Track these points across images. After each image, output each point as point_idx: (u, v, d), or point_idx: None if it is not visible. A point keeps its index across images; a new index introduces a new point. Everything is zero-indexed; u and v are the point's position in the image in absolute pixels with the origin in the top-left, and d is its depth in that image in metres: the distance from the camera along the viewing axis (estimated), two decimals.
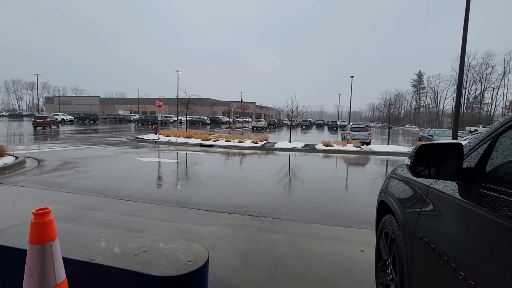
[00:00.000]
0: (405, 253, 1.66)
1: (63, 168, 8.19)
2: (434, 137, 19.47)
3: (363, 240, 3.70)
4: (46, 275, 1.18)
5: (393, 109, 19.06)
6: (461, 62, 11.03)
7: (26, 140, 16.80)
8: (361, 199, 6.13)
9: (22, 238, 1.72)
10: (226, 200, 5.50)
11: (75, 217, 4.28)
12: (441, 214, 1.36)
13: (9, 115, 70.11)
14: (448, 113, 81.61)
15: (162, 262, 1.49)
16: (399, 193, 2.01)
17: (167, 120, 46.97)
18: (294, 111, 19.24)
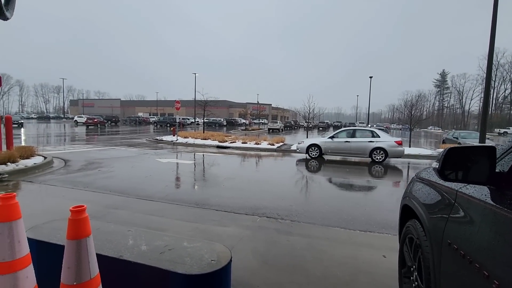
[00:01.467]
0: (432, 260, 1.61)
1: (88, 168, 8.56)
2: (459, 139, 18.64)
3: (384, 245, 3.61)
4: (82, 269, 1.25)
5: (415, 110, 18.46)
6: (489, 60, 10.52)
7: (53, 141, 17.69)
8: (381, 202, 5.98)
9: (57, 233, 1.83)
10: (244, 201, 5.54)
11: (100, 215, 4.46)
12: (472, 220, 1.31)
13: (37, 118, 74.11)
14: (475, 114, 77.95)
15: (187, 261, 1.54)
16: (424, 197, 1.96)
17: (185, 122, 47.91)
18: (310, 112, 19.07)
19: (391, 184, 8.06)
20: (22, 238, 1.40)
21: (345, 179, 8.47)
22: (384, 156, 11.37)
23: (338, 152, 12.09)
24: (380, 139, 11.55)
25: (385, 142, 11.48)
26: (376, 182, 8.34)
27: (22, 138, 18.78)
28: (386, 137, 11.79)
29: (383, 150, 11.33)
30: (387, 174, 9.95)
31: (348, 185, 7.68)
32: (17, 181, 6.68)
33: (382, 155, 11.34)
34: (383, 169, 10.63)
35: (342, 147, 11.87)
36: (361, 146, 11.63)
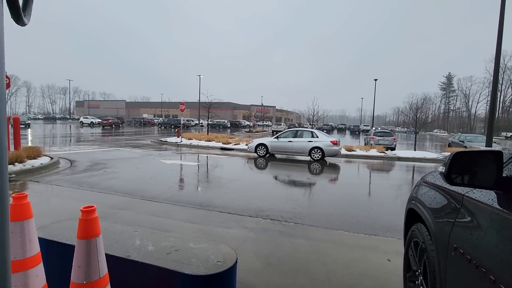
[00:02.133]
0: (438, 264, 1.61)
1: (93, 169, 8.64)
2: (465, 142, 18.46)
3: (389, 249, 3.60)
4: (92, 268, 1.28)
5: (420, 113, 18.33)
6: (496, 63, 10.43)
7: (59, 141, 17.90)
8: (386, 206, 5.95)
9: (65, 233, 1.86)
10: (247, 203, 5.55)
11: (106, 216, 4.50)
12: (478, 224, 1.31)
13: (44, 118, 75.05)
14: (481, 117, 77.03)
15: (193, 261, 1.56)
16: (430, 201, 1.96)
17: (189, 123, 48.15)
18: (315, 115, 19.04)
19: (396, 186, 8.01)
20: (33, 237, 1.43)
21: (348, 181, 8.44)
22: (321, 154, 12.10)
23: (283, 151, 12.87)
24: (318, 139, 12.33)
25: (322, 142, 12.24)
26: (378, 184, 8.29)
27: (29, 138, 19.03)
28: (323, 138, 12.54)
29: (320, 149, 12.10)
30: (389, 176, 9.89)
31: (351, 185, 7.66)
32: (24, 181, 6.77)
33: (319, 153, 12.09)
34: (386, 172, 10.56)
35: (285, 146, 12.66)
36: (302, 145, 12.39)
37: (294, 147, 12.53)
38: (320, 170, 10.48)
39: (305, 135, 12.70)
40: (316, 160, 12.17)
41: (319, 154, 12.07)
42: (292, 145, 12.56)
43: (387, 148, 16.47)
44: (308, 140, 12.40)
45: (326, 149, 12.04)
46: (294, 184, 7.82)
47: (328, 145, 12.09)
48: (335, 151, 12.26)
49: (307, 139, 12.44)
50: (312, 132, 12.77)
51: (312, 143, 12.24)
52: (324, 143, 12.17)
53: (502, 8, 9.99)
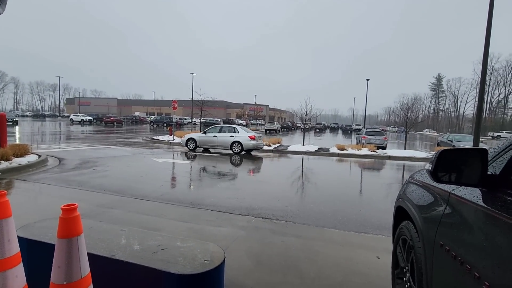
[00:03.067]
0: (424, 261, 1.62)
1: (83, 167, 8.48)
2: (453, 142, 18.84)
3: (378, 246, 3.63)
4: (72, 268, 1.24)
5: (410, 113, 18.61)
6: (484, 65, 10.65)
7: (48, 139, 17.52)
8: (377, 204, 6.01)
9: (48, 232, 1.81)
10: (239, 202, 5.53)
11: (94, 215, 4.42)
12: (463, 221, 1.32)
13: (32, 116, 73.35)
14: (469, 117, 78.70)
15: (180, 261, 1.53)
16: (418, 199, 1.97)
17: (182, 121, 47.78)
18: (307, 114, 19.12)
19: (386, 185, 8.11)
20: (12, 236, 1.38)
21: (339, 179, 8.51)
22: (240, 148, 13.18)
23: (209, 145, 13.98)
24: (239, 134, 13.37)
25: (242, 137, 13.28)
26: (369, 183, 8.38)
27: (17, 136, 18.57)
28: (243, 133, 13.48)
29: (240, 143, 13.17)
30: (380, 174, 10.01)
31: (343, 184, 7.73)
32: (10, 180, 6.60)
33: (239, 147, 13.16)
34: (377, 171, 10.69)
35: (211, 140, 13.76)
36: (224, 140, 13.47)
37: (218, 141, 13.57)
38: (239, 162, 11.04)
39: (228, 131, 13.70)
40: (236, 153, 13.23)
41: (239, 148, 13.14)
42: (216, 139, 13.59)
43: (378, 147, 16.67)
44: (230, 135, 13.43)
45: (245, 143, 13.07)
46: (220, 175, 7.84)
47: (246, 140, 13.11)
48: (253, 145, 13.24)
49: (229, 134, 13.47)
50: (234, 128, 13.82)
51: (233, 138, 13.28)
52: (243, 138, 13.18)
53: (490, 11, 10.20)
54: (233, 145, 13.25)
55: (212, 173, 8.85)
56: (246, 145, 13.10)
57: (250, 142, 13.12)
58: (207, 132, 14.03)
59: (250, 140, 13.11)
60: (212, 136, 13.78)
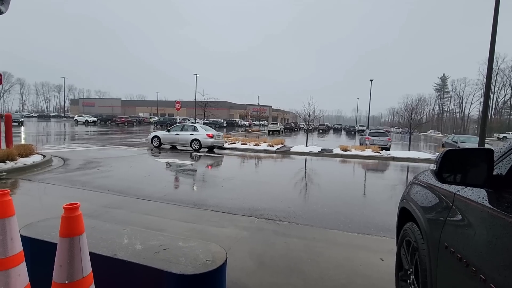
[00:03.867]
0: (429, 263, 1.60)
1: (86, 167, 8.54)
2: (458, 143, 18.66)
3: (382, 248, 3.60)
4: (74, 267, 1.24)
5: (415, 114, 18.48)
6: (489, 65, 10.53)
7: (53, 140, 17.67)
8: (380, 205, 5.97)
9: (51, 231, 1.81)
10: (242, 202, 5.52)
11: (97, 215, 4.44)
12: (469, 223, 1.30)
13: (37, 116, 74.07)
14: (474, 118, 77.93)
15: (181, 261, 1.52)
16: (422, 200, 1.95)
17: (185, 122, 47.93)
18: (311, 115, 19.07)
19: (390, 186, 8.05)
20: (15, 235, 1.38)
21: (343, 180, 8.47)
22: (199, 145, 14.01)
23: (172, 142, 14.72)
24: (198, 133, 14.17)
25: (200, 135, 14.09)
26: (373, 184, 8.32)
27: (22, 136, 18.76)
28: (202, 131, 14.26)
29: (198, 141, 13.99)
30: (384, 176, 9.95)
31: (346, 185, 7.68)
32: (15, 179, 6.66)
33: (198, 144, 14.01)
34: (380, 172, 10.61)
35: (174, 138, 14.50)
36: (185, 137, 14.27)
37: (179, 139, 14.38)
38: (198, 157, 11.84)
39: (189, 129, 14.53)
40: (195, 150, 14.06)
41: (198, 145, 13.98)
42: (178, 137, 14.41)
43: (382, 148, 16.56)
44: (190, 133, 14.25)
45: (203, 141, 13.92)
46: (182, 170, 7.82)
47: (204, 138, 13.96)
48: (211, 142, 14.03)
49: (189, 132, 14.29)
50: (194, 127, 14.66)
51: (193, 136, 14.11)
52: (201, 136, 14.00)
53: (496, 11, 10.09)
54: (192, 143, 14.08)
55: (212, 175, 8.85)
56: (204, 143, 13.94)
57: (208, 140, 13.93)
58: (170, 131, 14.78)
59: (207, 138, 13.92)
60: (174, 134, 14.54)
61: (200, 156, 12.57)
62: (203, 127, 14.90)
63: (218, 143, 14.57)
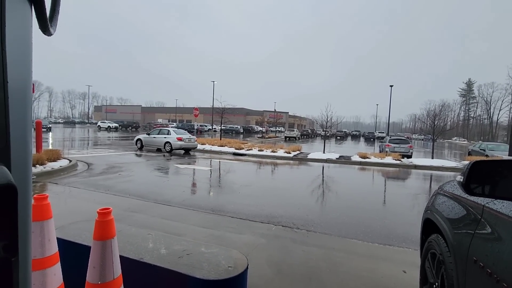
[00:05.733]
0: (456, 277, 1.54)
1: (109, 172, 8.87)
2: (486, 151, 17.76)
3: (404, 260, 3.48)
4: (106, 269, 1.31)
5: (438, 120, 17.79)
6: None
7: (77, 145, 18.52)
8: (402, 215, 5.78)
9: (82, 234, 1.92)
10: (259, 209, 5.53)
11: (120, 218, 4.60)
12: (500, 237, 1.26)
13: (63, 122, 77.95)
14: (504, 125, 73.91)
15: (204, 266, 1.56)
16: (448, 212, 1.89)
17: (202, 128, 48.72)
18: (328, 121, 18.85)
19: (412, 195, 7.77)
20: (52, 237, 1.48)
21: (362, 189, 8.28)
22: (170, 147, 15.28)
23: (150, 145, 16.29)
24: (170, 136, 15.47)
25: (171, 138, 15.40)
26: (394, 193, 8.07)
27: (50, 141, 19.80)
28: (173, 135, 15.52)
29: (170, 143, 15.31)
30: (405, 184, 9.63)
31: (365, 193, 7.50)
32: (43, 183, 7.03)
33: (169, 147, 15.31)
34: (401, 180, 10.29)
35: (152, 140, 16.16)
36: (160, 140, 15.74)
37: (156, 141, 15.95)
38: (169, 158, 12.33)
39: (164, 133, 15.92)
40: (168, 151, 15.36)
41: (169, 147, 15.29)
42: (155, 140, 15.99)
43: (403, 155, 16.05)
44: (164, 136, 15.64)
45: (173, 143, 15.20)
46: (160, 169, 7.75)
47: (174, 141, 15.22)
48: (180, 145, 15.32)
49: (164, 136, 15.70)
50: (168, 130, 16.00)
51: (166, 139, 15.45)
52: (172, 139, 15.28)
53: None
54: (165, 145, 15.46)
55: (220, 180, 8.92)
56: (174, 145, 15.23)
57: (178, 143, 15.25)
58: (150, 134, 16.58)
59: (177, 141, 15.23)
60: (152, 137, 16.20)
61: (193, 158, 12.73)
62: (176, 131, 16.30)
63: (188, 145, 15.72)
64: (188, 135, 16.12)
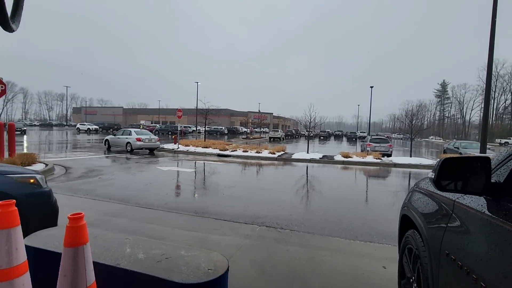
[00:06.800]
0: (430, 271, 1.60)
1: (88, 176, 8.56)
2: (460, 149, 18.62)
3: (384, 256, 3.58)
4: (78, 277, 1.25)
5: (416, 120, 18.49)
6: (489, 71, 10.61)
7: (55, 148, 17.76)
8: (382, 212, 5.94)
9: (54, 241, 1.83)
10: (243, 210, 5.51)
11: (99, 223, 4.45)
12: (468, 230, 1.31)
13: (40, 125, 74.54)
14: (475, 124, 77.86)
15: (183, 269, 1.53)
16: (423, 207, 1.96)
17: (186, 130, 48.05)
18: (312, 121, 19.12)
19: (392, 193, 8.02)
20: (19, 245, 1.40)
21: (344, 187, 8.45)
22: (131, 147, 16.01)
23: (116, 145, 17.06)
24: (130, 137, 16.27)
25: (131, 138, 16.14)
26: (375, 190, 8.30)
27: (25, 145, 18.86)
28: (134, 135, 16.28)
29: (130, 143, 16.01)
30: (386, 182, 9.93)
31: (348, 192, 7.66)
32: None
33: (129, 147, 16.09)
34: (382, 178, 10.61)
35: (116, 141, 16.97)
36: (123, 141, 16.55)
37: (119, 142, 16.76)
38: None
39: (127, 133, 16.73)
40: (129, 151, 16.07)
41: (130, 147, 16.03)
42: (119, 140, 16.80)
43: (384, 154, 16.54)
44: (126, 137, 16.45)
45: (133, 144, 15.97)
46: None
47: (134, 141, 15.96)
48: (139, 145, 16.06)
49: (125, 136, 16.51)
50: (130, 131, 16.80)
51: (127, 139, 16.24)
52: (132, 139, 16.05)
53: (493, 19, 10.22)
54: (127, 145, 16.22)
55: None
56: (134, 145, 15.97)
57: (137, 143, 15.99)
58: (116, 135, 17.37)
59: (136, 141, 16.00)
60: (117, 138, 17.00)
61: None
62: (137, 132, 17.05)
63: (147, 145, 16.43)
64: (148, 136, 16.74)
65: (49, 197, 3.10)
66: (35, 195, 2.96)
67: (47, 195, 3.08)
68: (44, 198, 3.04)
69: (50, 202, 3.09)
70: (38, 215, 2.88)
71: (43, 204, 3.02)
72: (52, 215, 3.09)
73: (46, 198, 3.06)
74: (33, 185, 3.00)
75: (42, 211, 2.98)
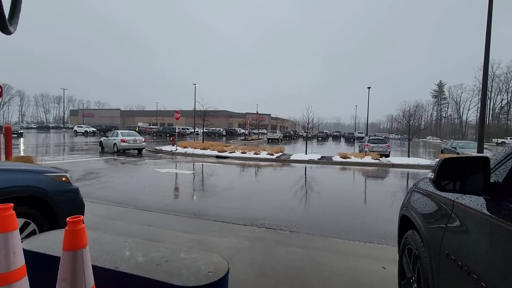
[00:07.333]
0: (431, 271, 1.60)
1: (86, 178, 8.52)
2: (457, 149, 18.71)
3: (384, 256, 3.58)
4: (77, 281, 1.24)
5: (413, 120, 18.57)
6: (485, 71, 10.69)
7: (52, 151, 17.66)
8: (382, 213, 5.95)
9: (53, 245, 1.81)
10: (242, 212, 5.50)
11: (98, 226, 4.42)
12: (468, 230, 1.32)
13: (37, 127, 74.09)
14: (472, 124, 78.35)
15: (183, 272, 1.52)
16: (422, 208, 1.96)
17: (184, 131, 48.01)
18: (310, 122, 19.15)
19: (391, 193, 8.04)
20: (17, 249, 1.38)
21: (343, 188, 8.46)
22: (116, 148, 17.10)
23: (107, 146, 18.00)
24: (116, 138, 17.28)
25: (117, 139, 17.20)
26: (374, 191, 8.32)
27: (21, 148, 18.74)
28: (119, 137, 17.23)
29: (116, 144, 17.17)
30: (384, 183, 9.95)
31: (346, 193, 7.67)
32: None
33: (116, 148, 17.16)
34: (380, 179, 10.63)
35: (107, 142, 18.05)
36: (111, 142, 17.58)
37: (109, 143, 17.75)
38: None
39: (116, 135, 17.67)
40: (115, 152, 17.10)
41: (116, 148, 17.12)
42: (109, 141, 17.83)
43: (382, 155, 16.59)
44: (113, 138, 17.50)
45: (118, 145, 16.95)
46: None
47: (119, 142, 16.94)
48: (124, 146, 16.94)
49: (113, 138, 17.55)
50: (117, 133, 17.78)
51: (114, 140, 17.31)
52: (117, 140, 17.07)
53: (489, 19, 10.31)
54: (114, 146, 17.23)
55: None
56: (119, 146, 16.93)
57: (121, 144, 16.89)
58: (108, 137, 18.54)
59: (121, 142, 16.90)
60: (107, 139, 18.13)
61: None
62: (123, 133, 17.82)
63: (132, 146, 17.23)
64: (133, 137, 17.57)
65: (77, 193, 3.44)
66: (68, 191, 3.29)
67: (76, 192, 3.42)
68: (74, 193, 3.38)
69: (78, 198, 3.43)
70: (70, 209, 3.20)
71: (74, 199, 3.36)
72: (80, 209, 3.44)
73: (75, 194, 3.40)
74: (65, 183, 3.31)
75: (73, 205, 3.31)
